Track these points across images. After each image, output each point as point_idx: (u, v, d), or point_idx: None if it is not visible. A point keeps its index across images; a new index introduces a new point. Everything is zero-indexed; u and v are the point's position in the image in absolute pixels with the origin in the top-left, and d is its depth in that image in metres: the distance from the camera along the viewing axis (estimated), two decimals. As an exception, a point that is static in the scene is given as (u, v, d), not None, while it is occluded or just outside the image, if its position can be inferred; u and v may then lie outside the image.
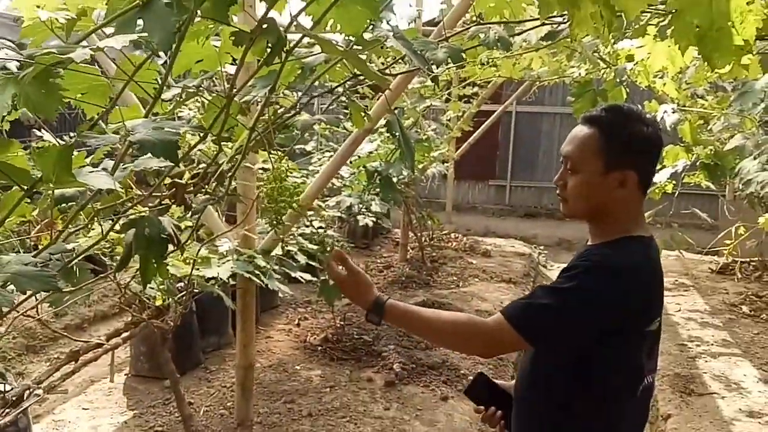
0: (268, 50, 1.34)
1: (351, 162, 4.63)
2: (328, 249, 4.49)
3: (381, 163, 4.14)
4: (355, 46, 1.52)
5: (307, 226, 4.09)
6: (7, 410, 2.09)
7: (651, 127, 1.50)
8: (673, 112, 3.55)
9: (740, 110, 3.14)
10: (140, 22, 1.01)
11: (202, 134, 1.61)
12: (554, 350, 1.52)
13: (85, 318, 4.89)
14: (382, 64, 2.27)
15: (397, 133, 1.91)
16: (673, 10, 1.23)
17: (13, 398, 2.02)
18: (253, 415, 3.35)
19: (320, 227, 4.15)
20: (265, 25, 1.26)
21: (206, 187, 1.85)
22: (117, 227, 1.83)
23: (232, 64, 1.76)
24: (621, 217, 1.49)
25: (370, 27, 1.48)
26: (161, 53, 1.17)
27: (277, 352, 4.25)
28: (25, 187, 1.14)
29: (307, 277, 3.43)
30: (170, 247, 1.95)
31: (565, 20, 2.01)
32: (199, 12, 1.10)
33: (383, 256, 6.99)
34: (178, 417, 3.36)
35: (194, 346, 4.03)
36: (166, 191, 1.75)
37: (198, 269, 2.73)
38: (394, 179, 4.17)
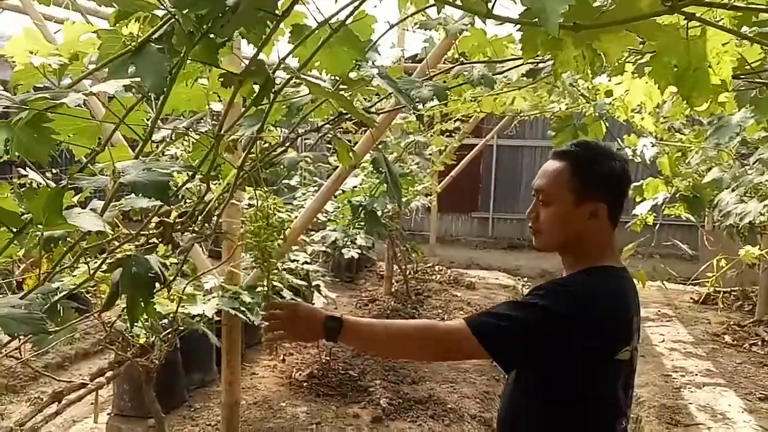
0: (256, 90, 1.36)
1: (336, 197, 4.66)
2: (312, 284, 4.49)
3: (365, 197, 4.16)
4: (341, 86, 1.55)
5: (293, 261, 4.09)
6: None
7: (619, 162, 1.56)
8: (652, 146, 3.62)
9: (717, 144, 3.22)
10: (132, 67, 1.03)
11: (190, 174, 1.62)
12: (526, 380, 1.53)
13: (66, 356, 4.80)
14: (367, 100, 2.31)
15: (383, 170, 1.94)
16: (652, 52, 1.27)
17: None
18: (238, 454, 3.29)
19: (305, 262, 4.15)
20: (253, 67, 1.29)
21: (193, 225, 1.85)
22: (104, 266, 1.83)
23: (218, 101, 1.78)
24: (592, 248, 1.53)
25: (356, 67, 1.51)
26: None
27: (262, 389, 4.20)
28: (15, 230, 1.14)
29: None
30: (157, 285, 1.95)
31: (546, 60, 2.07)
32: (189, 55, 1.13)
33: (368, 289, 6.97)
34: (161, 458, 3.29)
35: (178, 383, 3.96)
36: (154, 230, 1.75)
37: (183, 306, 2.71)
38: (379, 212, 4.19)
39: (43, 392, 4.00)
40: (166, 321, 2.96)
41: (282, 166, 1.97)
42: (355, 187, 4.31)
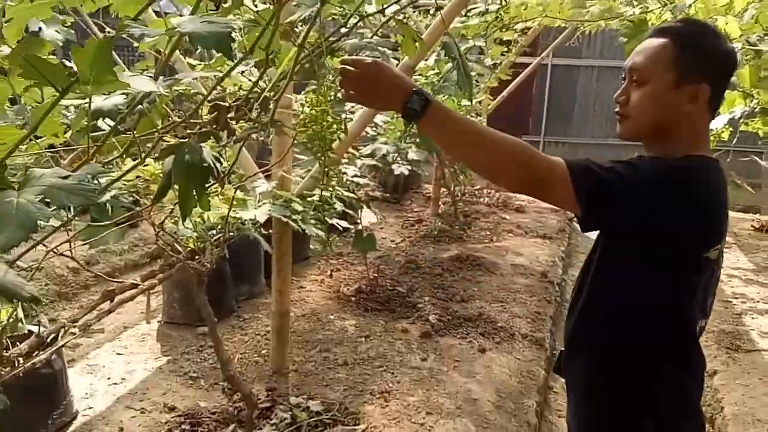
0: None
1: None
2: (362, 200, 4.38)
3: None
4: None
5: (342, 174, 3.98)
6: (43, 349, 2.03)
7: (727, 43, 1.38)
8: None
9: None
10: None
11: (247, 50, 1.47)
12: (607, 256, 1.39)
13: (116, 267, 4.87)
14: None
15: (455, 56, 1.75)
16: None
17: (48, 337, 1.96)
18: (288, 362, 3.29)
19: (354, 175, 4.03)
20: None
21: (248, 113, 1.72)
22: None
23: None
24: (685, 136, 1.35)
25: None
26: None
27: (310, 302, 4.19)
28: (61, 89, 1.02)
29: (344, 224, 3.33)
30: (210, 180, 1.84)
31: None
32: None
33: (414, 210, 6.86)
34: (212, 364, 3.32)
35: (227, 294, 3.97)
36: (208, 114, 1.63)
37: (234, 211, 2.63)
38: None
39: (95, 301, 4.06)
40: (213, 231, 2.92)
41: (344, 52, 1.80)
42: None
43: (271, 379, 3.19)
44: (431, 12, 4.39)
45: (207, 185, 1.65)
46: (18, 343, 2.17)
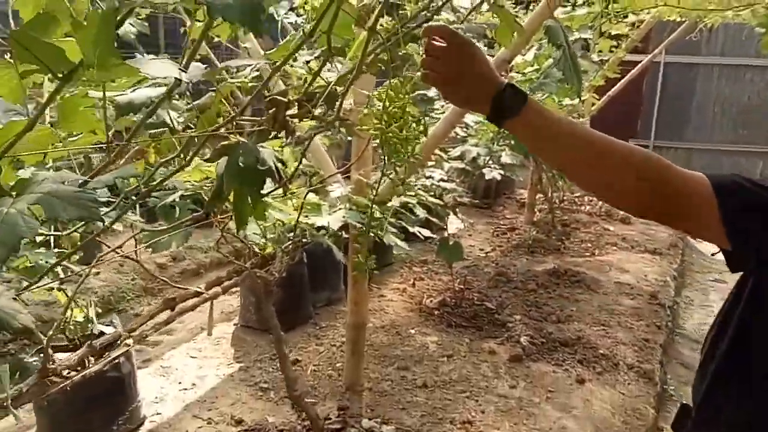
0: None
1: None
2: (448, 205, 4.08)
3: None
4: None
5: (428, 178, 3.70)
6: (97, 359, 1.89)
7: None
8: None
9: None
10: None
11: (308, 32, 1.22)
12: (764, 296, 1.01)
13: (201, 264, 4.84)
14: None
15: (561, 42, 1.43)
16: None
17: (101, 346, 1.82)
18: (363, 379, 3.06)
19: (441, 179, 3.74)
20: None
21: (312, 109, 1.48)
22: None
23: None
24: None
25: None
26: None
27: (390, 313, 3.94)
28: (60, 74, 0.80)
29: (426, 233, 3.05)
30: (271, 185, 1.61)
31: None
32: None
33: (506, 217, 6.46)
34: (284, 375, 3.15)
35: (304, 299, 3.80)
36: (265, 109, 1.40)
37: (306, 216, 2.41)
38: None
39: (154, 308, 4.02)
40: (292, 233, 2.73)
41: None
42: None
43: (344, 397, 2.98)
44: (531, 7, 4.02)
45: (268, 190, 1.43)
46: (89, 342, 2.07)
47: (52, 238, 1.68)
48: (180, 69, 0.91)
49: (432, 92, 4.56)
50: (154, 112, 0.99)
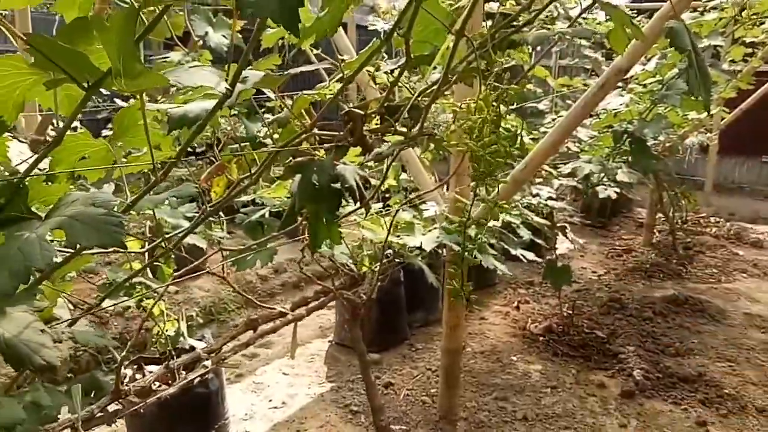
0: None
1: (592, 122, 3.87)
2: (557, 225, 3.82)
3: (632, 121, 3.33)
4: None
5: (534, 196, 3.47)
6: (179, 377, 1.88)
7: None
8: None
9: None
10: None
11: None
12: None
13: (302, 277, 4.86)
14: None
15: (686, 48, 1.23)
16: None
17: (178, 367, 1.79)
18: (458, 408, 2.90)
19: (549, 198, 3.50)
20: None
21: (395, 124, 1.36)
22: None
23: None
24: None
25: None
26: None
27: (491, 337, 3.73)
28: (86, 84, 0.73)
29: (530, 256, 2.83)
30: (352, 204, 1.52)
31: None
32: None
33: (623, 238, 6.02)
34: (377, 397, 3.04)
35: (401, 319, 3.69)
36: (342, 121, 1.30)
37: (398, 236, 2.30)
38: (649, 142, 3.33)
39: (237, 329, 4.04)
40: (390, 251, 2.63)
41: (525, 45, 1.37)
42: (618, 108, 3.51)
43: (437, 426, 2.82)
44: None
45: (339, 206, 1.33)
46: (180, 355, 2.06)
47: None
48: (224, 79, 0.82)
49: (542, 105, 4.32)
50: (204, 126, 0.91)
